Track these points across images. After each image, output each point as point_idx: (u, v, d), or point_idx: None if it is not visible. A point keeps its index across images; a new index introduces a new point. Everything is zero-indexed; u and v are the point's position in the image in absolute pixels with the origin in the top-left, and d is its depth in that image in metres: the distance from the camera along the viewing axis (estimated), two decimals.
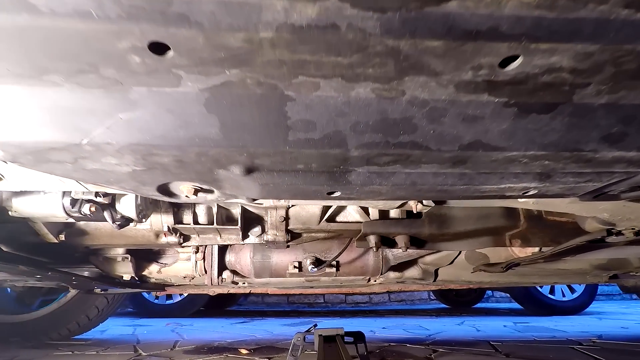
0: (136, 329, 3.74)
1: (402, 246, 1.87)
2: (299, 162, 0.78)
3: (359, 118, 0.71)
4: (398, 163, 0.81)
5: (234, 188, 0.92)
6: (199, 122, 0.70)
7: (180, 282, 2.41)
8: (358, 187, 0.88)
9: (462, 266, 2.47)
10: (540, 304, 4.44)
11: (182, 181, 0.91)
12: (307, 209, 1.85)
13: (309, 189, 0.89)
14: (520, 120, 0.73)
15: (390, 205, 1.49)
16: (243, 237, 1.91)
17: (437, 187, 0.89)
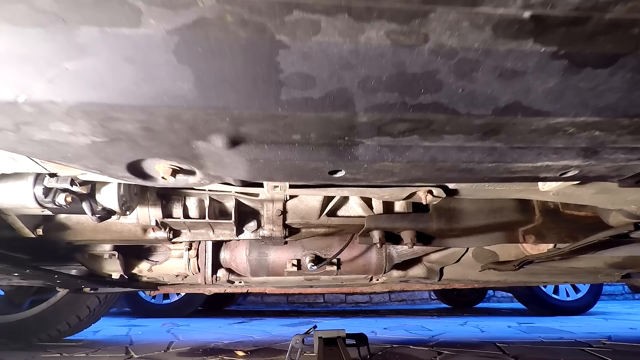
0: (131, 330, 3.57)
1: (408, 242, 1.71)
2: (295, 131, 0.62)
3: (369, 72, 0.55)
4: (416, 133, 0.65)
5: (218, 166, 0.76)
6: (167, 76, 0.54)
7: (173, 280, 2.25)
8: (366, 164, 0.72)
9: (469, 264, 2.30)
10: (544, 304, 4.27)
11: (156, 158, 0.75)
12: (306, 202, 1.68)
13: (307, 166, 0.73)
14: (572, 76, 0.57)
15: (397, 195, 1.33)
16: (237, 232, 1.75)
17: (461, 165, 0.73)
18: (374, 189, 1.28)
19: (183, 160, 0.75)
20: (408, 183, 0.89)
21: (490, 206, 1.70)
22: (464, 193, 1.42)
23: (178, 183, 0.87)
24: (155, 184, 0.88)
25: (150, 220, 1.61)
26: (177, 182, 0.86)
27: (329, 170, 0.76)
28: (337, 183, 1.22)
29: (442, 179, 0.86)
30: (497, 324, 3.91)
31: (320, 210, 1.70)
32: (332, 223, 1.73)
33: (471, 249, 2.19)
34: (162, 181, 0.84)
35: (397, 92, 0.58)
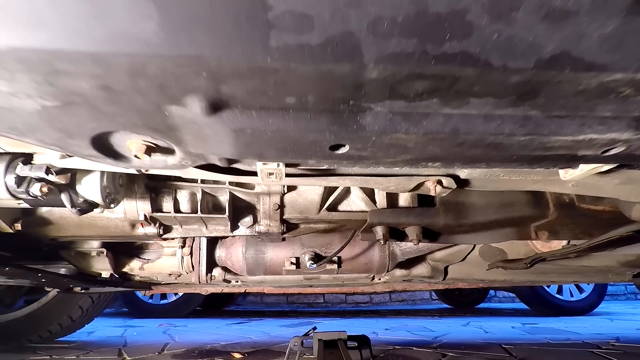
0: (126, 330, 3.44)
1: (414, 239, 1.58)
2: (289, 91, 0.50)
3: (381, 10, 0.42)
4: (436, 96, 0.52)
5: (199, 140, 0.63)
6: (124, 11, 0.41)
7: (167, 279, 2.12)
8: (375, 136, 0.59)
9: (475, 263, 2.17)
10: (547, 304, 4.13)
11: (125, 131, 0.62)
12: (304, 195, 1.56)
13: (304, 139, 0.60)
14: (637, 17, 0.44)
15: (403, 186, 1.20)
16: (232, 227, 1.62)
17: (487, 138, 0.61)
18: (378, 178, 1.15)
19: (157, 134, 0.62)
20: (422, 163, 0.76)
21: (500, 200, 1.57)
22: (476, 184, 1.29)
23: (156, 164, 0.74)
24: (129, 165, 0.75)
25: (139, 214, 1.48)
26: (154, 163, 0.74)
27: (331, 144, 0.63)
28: (339, 170, 1.09)
29: (461, 159, 0.73)
30: (500, 324, 3.78)
31: (320, 204, 1.57)
32: (333, 218, 1.61)
33: (478, 247, 2.06)
34: (137, 162, 0.72)
35: (416, 37, 0.45)
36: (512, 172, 1.14)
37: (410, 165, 0.76)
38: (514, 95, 0.51)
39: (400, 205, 1.65)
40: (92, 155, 0.69)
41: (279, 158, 0.70)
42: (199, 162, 0.77)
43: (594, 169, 0.98)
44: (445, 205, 1.58)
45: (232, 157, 0.70)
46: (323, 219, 1.61)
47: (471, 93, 0.51)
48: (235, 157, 0.69)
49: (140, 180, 1.45)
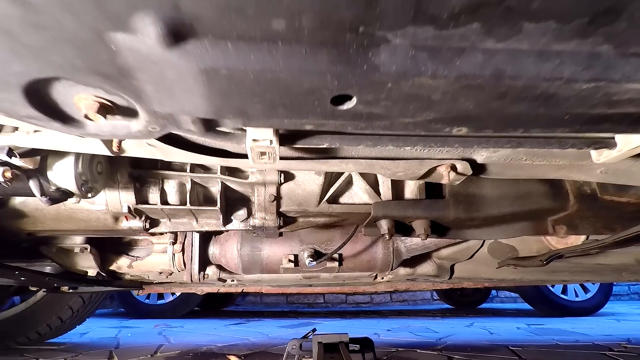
0: (121, 331, 3.28)
1: (421, 233, 1.42)
2: (276, 9, 0.35)
3: None
4: (478, 18, 0.37)
5: (163, 92, 0.48)
6: None
7: (157, 278, 1.96)
8: (391, 82, 0.44)
9: (484, 261, 2.02)
10: (552, 304, 3.97)
11: (66, 79, 0.47)
12: (303, 186, 1.40)
13: (298, 85, 0.45)
14: None
15: (412, 172, 1.05)
16: (224, 221, 1.46)
17: (539, 86, 0.46)
18: (385, 162, 1.00)
19: (108, 82, 0.47)
20: (446, 128, 0.61)
21: (515, 191, 1.42)
22: (493, 171, 1.14)
23: (117, 131, 0.59)
24: (83, 132, 0.60)
25: (122, 206, 1.33)
26: (115, 130, 0.58)
27: (333, 94, 0.48)
28: (341, 152, 0.94)
29: (498, 121, 0.57)
30: (505, 325, 3.62)
31: (320, 195, 1.42)
32: (334, 211, 1.45)
33: (487, 244, 1.91)
34: (92, 127, 0.57)
35: None
36: (536, 154, 0.99)
37: (435, 124, 0.60)
38: (586, 16, 0.36)
39: (406, 198, 1.50)
40: (31, 117, 0.54)
41: (268, 118, 0.55)
42: (170, 128, 0.61)
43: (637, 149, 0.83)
44: (455, 197, 1.42)
45: (208, 116, 0.54)
46: (323, 212, 1.46)
47: (527, 14, 0.36)
48: (211, 116, 0.54)
49: (123, 168, 1.30)
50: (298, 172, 1.40)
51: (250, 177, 1.37)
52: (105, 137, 0.62)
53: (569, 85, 0.45)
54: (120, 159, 1.29)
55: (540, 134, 0.86)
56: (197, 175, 1.35)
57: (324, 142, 0.85)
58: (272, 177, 1.36)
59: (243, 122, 0.58)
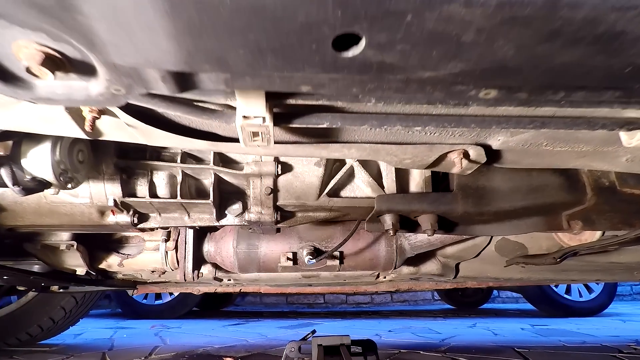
0: (116, 332, 3.17)
1: (428, 229, 1.32)
2: None
3: None
4: None
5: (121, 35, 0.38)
6: None
7: (150, 277, 1.85)
8: (412, 12, 0.33)
9: (490, 259, 1.91)
10: (555, 304, 3.86)
11: None
12: (302, 178, 1.30)
13: (290, 22, 0.34)
14: None
15: (421, 158, 0.94)
16: (218, 216, 1.36)
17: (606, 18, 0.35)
18: (392, 147, 0.89)
19: (49, 20, 0.37)
20: (476, 81, 0.50)
21: (528, 184, 1.31)
22: (509, 159, 1.03)
23: (74, 94, 0.48)
24: (32, 95, 0.49)
25: (108, 199, 1.22)
26: (70, 92, 0.48)
27: (336, 32, 0.37)
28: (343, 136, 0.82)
29: (542, 73, 0.46)
30: (508, 325, 3.50)
31: (320, 188, 1.31)
32: (335, 205, 1.35)
33: (494, 241, 1.80)
34: (42, 87, 0.46)
35: None
36: (559, 139, 0.88)
37: (460, 84, 0.49)
38: None
39: (411, 191, 1.40)
40: None
41: (254, 70, 0.44)
42: (138, 89, 0.51)
43: None
44: (464, 190, 1.31)
45: (179, 68, 0.44)
46: (323, 206, 1.35)
47: None
48: (183, 67, 0.43)
49: (109, 158, 1.19)
50: (296, 163, 1.29)
51: (245, 168, 1.27)
52: (61, 102, 0.51)
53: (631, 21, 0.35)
54: (105, 147, 1.18)
55: (568, 114, 0.75)
56: (188, 166, 1.25)
57: (324, 121, 0.74)
58: (268, 168, 1.26)
59: (225, 81, 0.48)
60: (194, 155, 1.29)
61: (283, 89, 0.52)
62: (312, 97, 0.67)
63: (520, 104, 0.57)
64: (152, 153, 1.24)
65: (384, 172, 1.38)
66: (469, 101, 0.56)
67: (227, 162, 1.30)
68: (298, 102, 0.68)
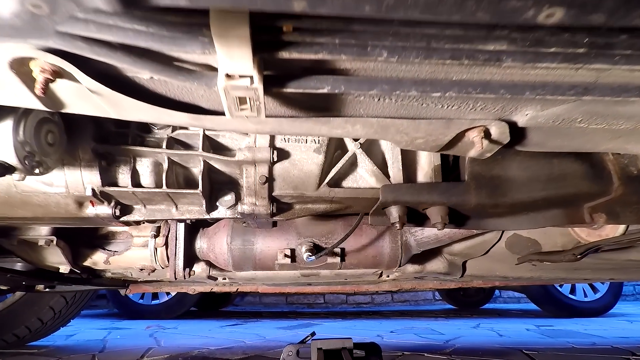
0: (110, 333, 3.03)
1: (438, 222, 1.18)
2: None
3: None
4: None
5: None
6: None
7: (140, 276, 1.72)
8: None
9: (500, 257, 1.77)
10: (560, 304, 3.72)
11: None
12: (300, 166, 1.16)
13: None
14: None
15: (435, 137, 0.80)
16: (208, 208, 1.22)
17: None
18: (403, 122, 0.76)
19: None
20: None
21: (548, 172, 1.18)
22: (534, 140, 0.89)
23: None
24: None
25: (85, 188, 1.09)
26: None
27: None
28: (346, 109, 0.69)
29: None
30: (513, 326, 3.36)
31: (320, 177, 1.18)
32: (336, 196, 1.21)
33: (505, 238, 1.67)
34: None
35: None
36: (598, 114, 0.75)
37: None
38: None
39: (419, 181, 1.26)
40: None
41: None
42: (66, 4, 0.37)
43: None
44: (477, 180, 1.18)
45: None
46: (323, 198, 1.21)
47: None
48: None
49: (86, 142, 1.05)
50: (294, 150, 1.16)
51: (237, 155, 1.13)
52: None
53: None
54: (81, 130, 1.04)
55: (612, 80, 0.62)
56: (174, 152, 1.11)
57: (324, 84, 0.61)
58: (263, 154, 1.12)
59: None
60: (182, 142, 1.16)
61: (267, 6, 0.39)
62: (309, 48, 0.53)
63: (581, 46, 0.44)
64: (135, 138, 1.11)
65: (389, 160, 1.25)
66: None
67: (218, 148, 1.17)
68: (292, 55, 0.54)
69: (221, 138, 1.15)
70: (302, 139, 1.16)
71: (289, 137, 1.16)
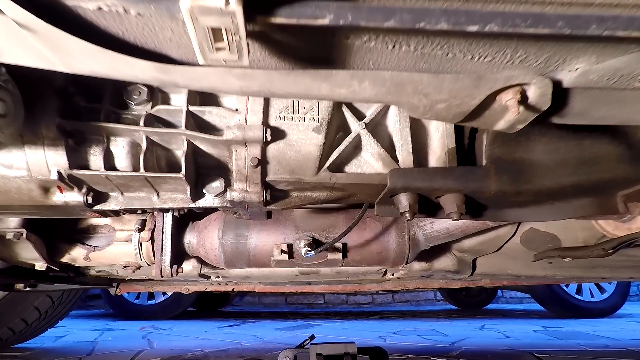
0: (102, 334, 2.85)
1: (453, 212, 1.02)
2: None
3: None
4: None
5: None
6: None
7: (126, 274, 1.56)
8: None
9: (513, 253, 1.61)
10: (565, 305, 3.54)
11: None
12: (297, 147, 1.00)
13: None
14: None
15: (461, 100, 0.64)
16: (194, 195, 1.06)
17: None
18: (423, 77, 0.59)
19: None
20: None
21: (579, 155, 1.01)
22: (576, 108, 0.73)
23: None
24: None
25: (50, 171, 0.93)
26: None
27: None
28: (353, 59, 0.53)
29: None
30: (519, 327, 3.19)
31: (320, 160, 1.01)
32: (338, 182, 1.04)
33: (521, 232, 1.50)
34: None
35: None
36: None
37: None
38: None
39: (431, 166, 1.10)
40: None
41: None
42: None
43: None
44: (497, 164, 1.01)
45: None
46: (323, 184, 1.05)
47: None
48: None
49: (49, 117, 0.89)
50: (290, 129, 1.00)
51: (225, 134, 0.97)
52: None
53: None
54: (44, 102, 0.88)
55: None
56: (153, 131, 0.95)
57: (325, 12, 0.45)
58: (254, 133, 0.96)
59: None
60: (163, 119, 0.99)
61: None
62: None
63: None
64: (108, 114, 0.95)
65: (397, 143, 1.09)
66: None
67: (203, 127, 1.01)
68: None
69: (207, 115, 0.99)
70: (299, 117, 1.00)
71: (284, 114, 1.00)
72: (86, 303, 5.25)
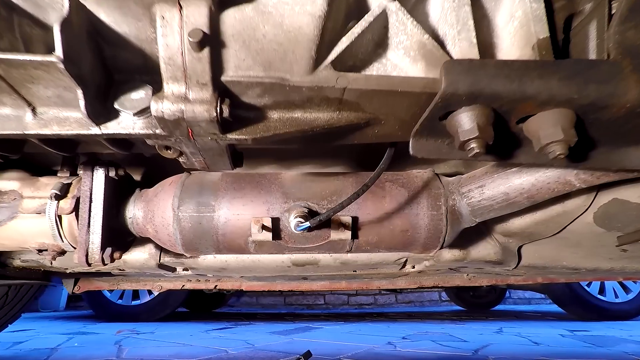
0: (70, 339, 2.33)
1: (556, 143, 0.53)
2: None
3: None
4: None
5: None
6: None
7: (38, 258, 1.06)
8: None
9: (578, 238, 1.12)
10: (587, 306, 3.03)
11: None
12: (277, 19, 0.50)
13: None
14: None
15: None
16: (95, 110, 0.55)
17: None
18: None
19: None
20: None
21: None
22: None
23: None
24: None
25: None
26: None
27: None
28: None
29: None
30: (542, 331, 2.67)
31: (317, 47, 0.52)
32: (350, 88, 0.55)
33: (595, 207, 1.01)
34: None
35: None
36: None
37: None
38: None
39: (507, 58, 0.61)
40: None
41: None
42: None
43: None
44: (635, 57, 0.53)
45: None
46: (324, 91, 0.55)
47: None
48: None
49: None
50: None
51: None
52: None
53: None
54: None
55: None
56: None
57: None
58: None
59: None
60: None
61: None
62: None
63: None
64: None
65: (449, 32, 0.60)
66: None
67: None
68: None
69: None
70: None
71: None
72: (77, 304, 4.72)
